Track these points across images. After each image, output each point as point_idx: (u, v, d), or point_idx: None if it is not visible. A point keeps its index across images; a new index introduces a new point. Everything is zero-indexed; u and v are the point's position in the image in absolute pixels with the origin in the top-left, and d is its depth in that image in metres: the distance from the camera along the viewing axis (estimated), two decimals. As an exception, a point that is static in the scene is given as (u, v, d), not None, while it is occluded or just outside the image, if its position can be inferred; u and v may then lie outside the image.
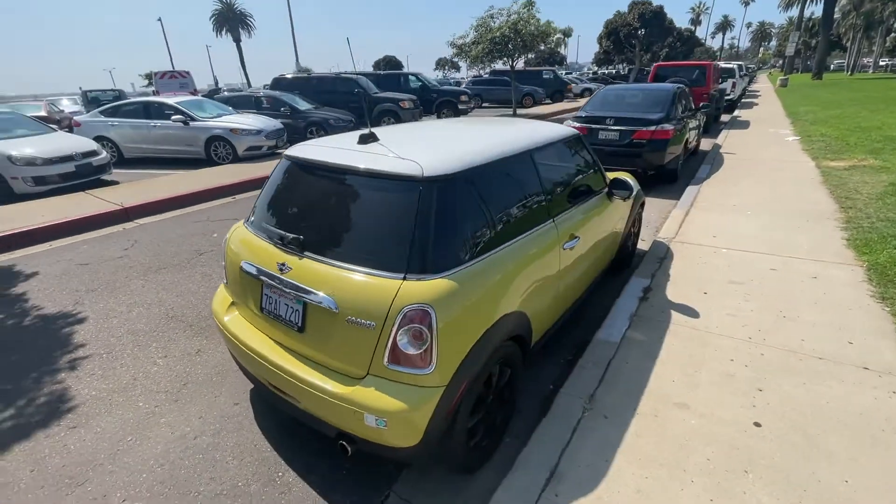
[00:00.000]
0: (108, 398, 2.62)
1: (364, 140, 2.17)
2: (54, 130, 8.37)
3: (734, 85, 16.06)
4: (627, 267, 3.84)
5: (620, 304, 3.16)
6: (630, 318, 2.97)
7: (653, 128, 6.28)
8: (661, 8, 39.83)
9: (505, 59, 15.83)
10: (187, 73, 21.33)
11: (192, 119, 9.33)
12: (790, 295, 3.17)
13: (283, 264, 1.97)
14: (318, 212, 2.08)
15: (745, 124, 12.11)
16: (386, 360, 1.72)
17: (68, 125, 10.75)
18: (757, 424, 2.06)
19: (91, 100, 16.65)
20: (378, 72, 16.94)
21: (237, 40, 46.71)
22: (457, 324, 1.75)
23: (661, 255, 3.94)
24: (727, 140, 9.68)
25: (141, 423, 2.42)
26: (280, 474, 2.09)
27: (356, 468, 2.11)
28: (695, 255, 3.93)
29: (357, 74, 15.38)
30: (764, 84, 34.61)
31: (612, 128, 6.55)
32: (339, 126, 11.44)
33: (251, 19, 46.94)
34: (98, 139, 9.60)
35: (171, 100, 9.73)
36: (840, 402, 2.17)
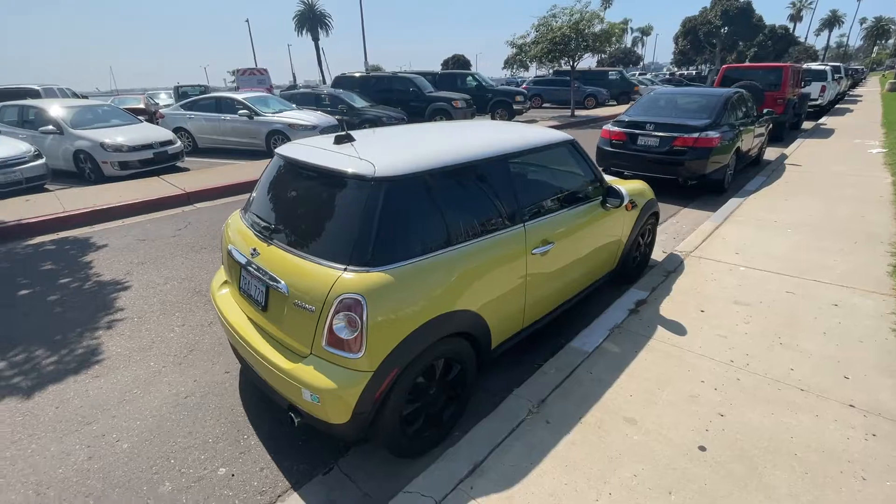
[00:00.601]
0: (129, 356, 3.04)
1: (339, 141, 2.36)
2: (140, 121, 9.49)
3: (823, 89, 14.50)
4: (635, 279, 3.72)
5: (606, 315, 3.10)
6: (611, 330, 2.91)
7: (696, 135, 5.94)
8: (748, 4, 36.58)
9: (566, 58, 15.51)
10: (265, 70, 23.01)
11: (256, 114, 10.14)
12: (798, 321, 2.94)
13: (254, 249, 2.21)
14: (288, 204, 2.30)
15: (827, 133, 10.94)
16: (324, 342, 1.89)
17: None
18: (702, 448, 1.99)
19: (181, 94, 18.49)
20: (435, 71, 17.21)
21: (316, 39, 49.44)
22: (389, 315, 1.88)
23: (671, 269, 3.77)
24: (798, 150, 8.83)
25: (148, 379, 2.80)
26: (245, 437, 2.35)
27: (311, 441, 2.30)
28: (707, 270, 3.72)
29: (414, 74, 15.76)
30: (872, 88, 30.73)
31: (653, 134, 6.27)
32: (390, 123, 11.86)
33: (329, 19, 49.48)
34: (177, 130, 10.75)
35: (239, 96, 10.64)
36: (805, 437, 2.02)
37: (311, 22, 48.72)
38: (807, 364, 2.52)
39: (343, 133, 2.40)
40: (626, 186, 3.57)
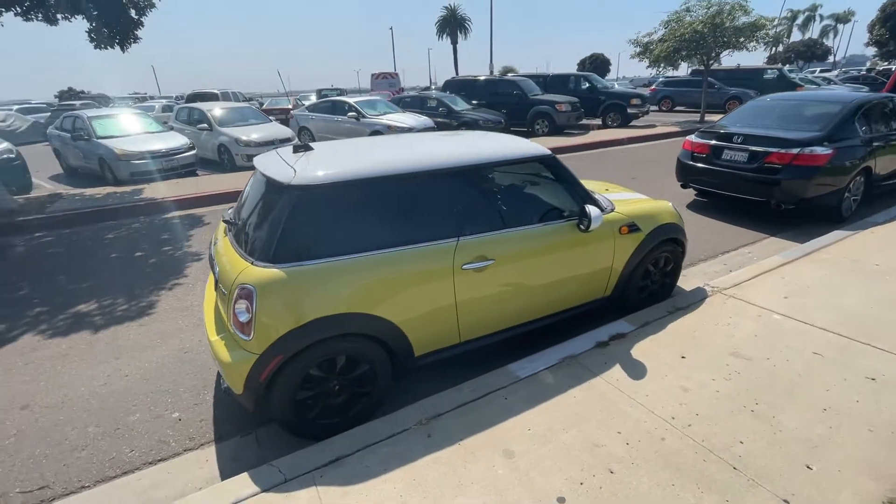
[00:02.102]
0: (169, 313, 3.82)
1: (296, 150, 2.67)
2: (271, 121, 11.26)
3: None
4: (635, 310, 3.35)
5: (569, 343, 2.89)
6: (562, 359, 2.73)
7: (795, 150, 4.93)
8: None
9: (700, 57, 13.81)
10: (396, 74, 25.00)
11: (363, 116, 11.23)
12: (799, 389, 2.38)
13: (216, 239, 2.66)
14: (245, 204, 2.69)
15: None
16: (231, 322, 2.23)
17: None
18: (560, 500, 1.82)
19: (322, 96, 21.23)
20: (546, 73, 16.74)
21: (454, 43, 51.63)
22: (277, 307, 2.13)
23: (682, 305, 3.30)
24: None
25: (170, 333, 3.51)
26: (204, 393, 2.83)
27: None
28: (727, 312, 3.17)
29: (522, 77, 15.59)
30: None
31: (741, 147, 5.37)
32: (486, 127, 12.02)
33: (469, 23, 51.19)
34: (302, 129, 12.47)
35: (350, 99, 11.88)
36: (692, 519, 1.71)
37: (452, 26, 50.99)
38: (765, 440, 2.06)
39: (301, 144, 2.71)
40: (631, 207, 3.25)
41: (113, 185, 8.59)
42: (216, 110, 10.57)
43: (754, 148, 5.23)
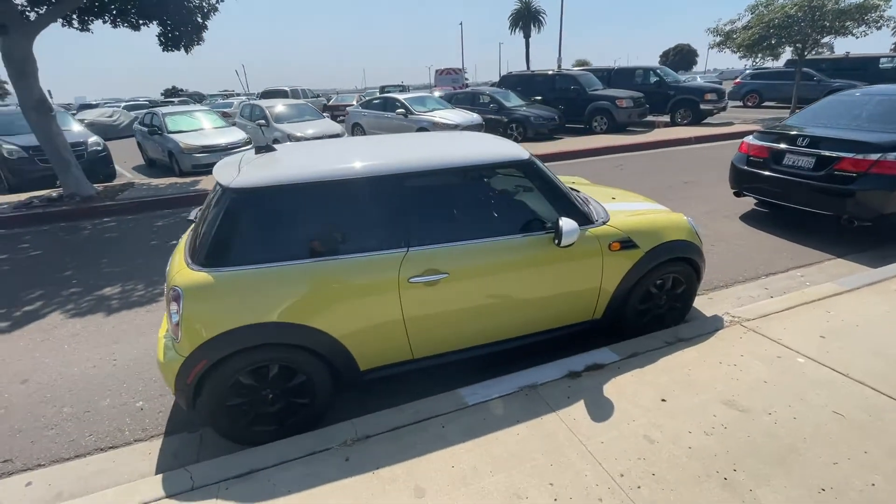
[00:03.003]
0: (176, 301, 4.03)
1: (258, 151, 2.65)
2: (324, 118, 11.66)
3: None
4: (630, 336, 2.96)
5: (535, 370, 2.61)
6: (520, 388, 2.46)
7: (875, 156, 4.10)
8: None
9: (794, 44, 12.18)
10: (460, 69, 24.90)
11: (411, 112, 11.26)
12: (800, 459, 1.91)
13: (176, 241, 2.71)
14: (204, 208, 2.70)
15: None
16: (169, 322, 2.25)
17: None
18: (453, 556, 1.61)
19: (384, 93, 21.72)
20: (611, 67, 15.66)
21: (527, 36, 50.35)
22: (202, 311, 2.11)
23: (686, 336, 2.85)
24: None
25: (169, 322, 3.69)
26: (167, 391, 2.92)
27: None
28: (740, 350, 2.67)
29: (582, 71, 14.71)
30: None
31: (806, 151, 4.57)
32: (537, 123, 11.55)
33: (543, 15, 49.64)
34: (355, 125, 12.80)
35: (400, 96, 11.95)
36: None
37: (525, 19, 49.76)
38: (716, 499, 1.68)
39: (264, 146, 2.68)
40: (631, 220, 2.86)
41: (178, 175, 9.39)
42: (276, 107, 11.16)
43: (822, 152, 4.43)
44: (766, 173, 4.91)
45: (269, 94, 19.70)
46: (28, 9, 7.30)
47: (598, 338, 2.98)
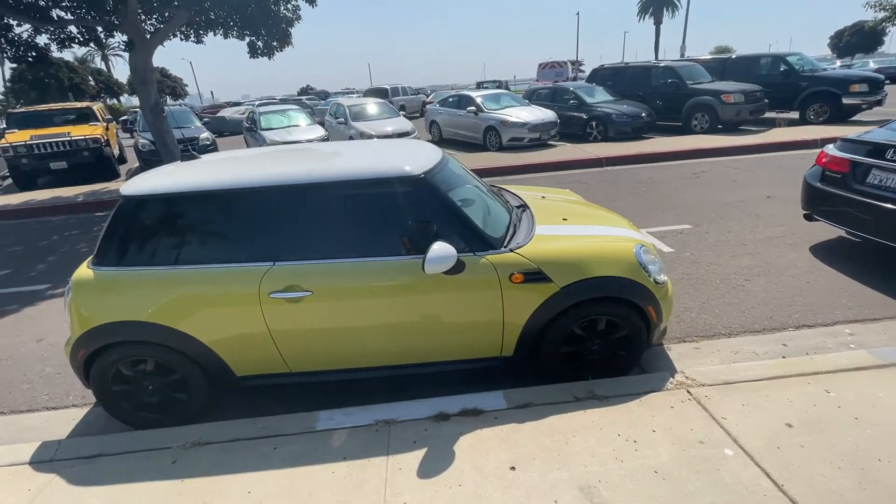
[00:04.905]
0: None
1: (183, 159, 2.85)
2: (398, 115, 12.02)
3: None
4: (564, 380, 2.54)
5: (401, 406, 2.39)
6: (375, 422, 2.27)
7: None
8: None
9: None
10: (564, 63, 23.69)
11: (481, 110, 11.03)
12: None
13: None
14: None
15: None
16: (69, 310, 2.56)
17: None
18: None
19: (481, 88, 21.60)
20: (726, 55, 13.33)
21: (658, 23, 45.73)
22: (81, 305, 2.35)
23: (602, 393, 2.32)
24: None
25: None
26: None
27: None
28: (658, 426, 2.10)
29: (689, 62, 12.79)
30: None
31: (895, 166, 3.40)
32: (619, 121, 10.47)
33: (678, -1, 44.54)
34: (432, 123, 13.00)
35: (473, 93, 11.75)
36: None
37: (657, 4, 45.15)
38: None
39: (189, 154, 2.87)
40: (554, 247, 2.47)
41: (264, 168, 10.56)
42: (355, 106, 11.85)
43: (919, 170, 3.25)
44: (844, 193, 3.77)
45: (371, 93, 20.99)
46: (145, 24, 8.80)
47: (532, 378, 2.61)
